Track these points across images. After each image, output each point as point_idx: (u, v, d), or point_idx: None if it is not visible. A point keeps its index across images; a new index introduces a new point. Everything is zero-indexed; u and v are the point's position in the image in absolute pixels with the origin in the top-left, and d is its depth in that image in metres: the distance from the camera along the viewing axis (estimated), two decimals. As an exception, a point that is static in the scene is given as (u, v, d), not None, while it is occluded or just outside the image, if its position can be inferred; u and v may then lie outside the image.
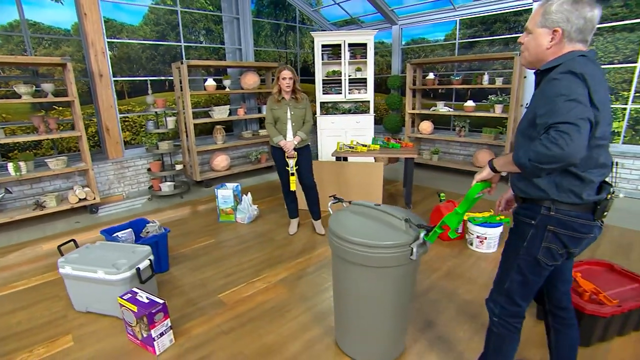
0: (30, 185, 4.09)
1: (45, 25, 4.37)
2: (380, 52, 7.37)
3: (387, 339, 1.86)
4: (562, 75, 1.19)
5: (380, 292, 1.72)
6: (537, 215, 1.34)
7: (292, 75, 3.08)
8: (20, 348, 2.06)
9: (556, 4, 1.26)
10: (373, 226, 1.75)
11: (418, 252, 1.62)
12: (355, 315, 1.82)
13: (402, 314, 1.84)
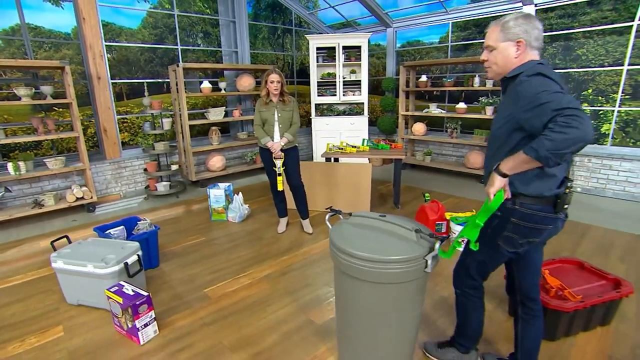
0: (30, 185, 4.23)
1: (46, 29, 4.51)
2: (377, 54, 7.46)
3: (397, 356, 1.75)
4: (531, 77, 1.30)
5: (391, 308, 1.62)
6: (502, 208, 1.43)
7: (279, 79, 3.17)
8: (13, 338, 2.18)
9: (512, 20, 1.42)
10: (381, 239, 1.63)
11: (433, 263, 1.52)
12: (362, 334, 1.71)
13: (412, 330, 1.73)
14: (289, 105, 3.32)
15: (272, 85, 3.17)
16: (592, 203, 4.42)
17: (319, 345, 2.06)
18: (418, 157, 6.21)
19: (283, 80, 3.22)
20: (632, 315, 2.30)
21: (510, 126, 1.39)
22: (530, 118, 1.27)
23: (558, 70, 4.90)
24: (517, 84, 1.36)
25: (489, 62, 1.51)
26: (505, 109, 1.43)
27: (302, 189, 3.54)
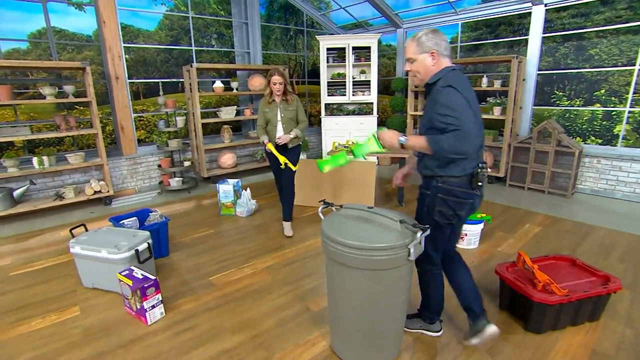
0: (52, 178, 4.50)
1: (69, 32, 4.78)
2: (388, 55, 7.53)
3: (384, 341, 1.86)
4: (445, 89, 1.63)
5: (378, 294, 1.73)
6: (430, 186, 1.80)
7: (282, 80, 3.22)
8: (35, 315, 2.39)
9: (424, 35, 1.73)
10: (368, 229, 1.75)
11: (415, 252, 1.64)
12: (351, 319, 1.82)
13: (399, 315, 1.86)
14: (292, 104, 3.37)
15: (275, 87, 3.24)
16: (600, 204, 4.40)
17: (313, 331, 2.18)
18: (426, 156, 6.26)
19: (286, 80, 3.28)
20: (623, 312, 2.33)
21: (429, 124, 1.71)
22: (437, 122, 1.62)
23: (570, 70, 4.88)
24: (435, 92, 1.68)
25: (413, 72, 1.81)
26: (429, 106, 1.75)
27: (291, 190, 3.55)
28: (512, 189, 5.06)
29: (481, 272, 2.81)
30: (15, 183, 4.21)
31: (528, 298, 2.10)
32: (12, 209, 3.99)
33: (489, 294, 2.52)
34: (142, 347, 2.07)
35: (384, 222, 1.79)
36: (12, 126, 4.15)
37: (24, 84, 4.54)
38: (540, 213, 4.10)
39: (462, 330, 2.16)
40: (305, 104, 7.71)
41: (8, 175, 3.95)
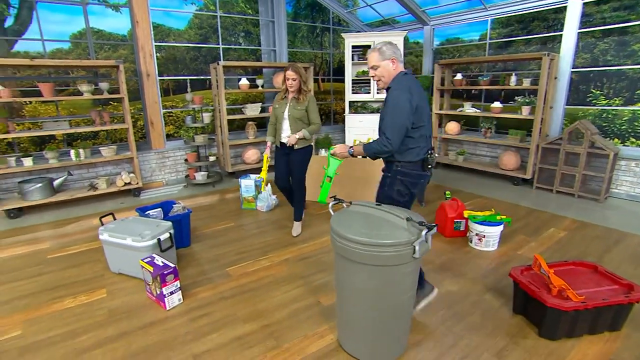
0: (87, 170, 4.80)
1: (106, 32, 5.05)
2: (416, 52, 7.42)
3: (390, 338, 1.89)
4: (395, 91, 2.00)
5: (383, 290, 1.76)
6: (391, 170, 2.15)
7: (296, 75, 3.06)
8: (68, 295, 2.58)
9: (384, 46, 2.06)
10: (375, 225, 1.77)
11: (420, 250, 1.67)
12: (357, 314, 1.86)
13: (404, 312, 1.87)
14: (303, 103, 3.17)
15: (288, 82, 3.10)
16: (637, 210, 4.17)
17: (322, 324, 2.23)
18: (451, 156, 6.14)
19: (302, 77, 3.10)
20: (648, 323, 2.22)
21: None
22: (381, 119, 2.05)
23: (609, 67, 4.62)
24: (389, 94, 2.04)
25: (377, 77, 2.12)
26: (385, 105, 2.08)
27: (300, 192, 3.44)
28: (539, 192, 4.88)
29: (497, 275, 2.75)
30: (55, 173, 4.52)
31: (542, 303, 2.05)
32: (52, 197, 4.30)
33: (503, 297, 2.47)
34: (160, 330, 2.19)
35: (391, 219, 1.81)
36: (54, 121, 4.46)
37: (65, 82, 4.85)
38: (567, 217, 3.94)
39: (472, 331, 2.14)
40: (331, 101, 7.74)
41: (49, 166, 4.26)
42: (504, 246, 3.24)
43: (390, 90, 2.04)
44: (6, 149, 4.56)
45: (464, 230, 3.40)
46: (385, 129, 1.99)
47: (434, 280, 2.69)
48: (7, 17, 4.58)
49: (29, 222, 4.04)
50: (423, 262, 2.93)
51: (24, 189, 4.10)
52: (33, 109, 4.72)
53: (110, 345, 2.07)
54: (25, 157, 4.15)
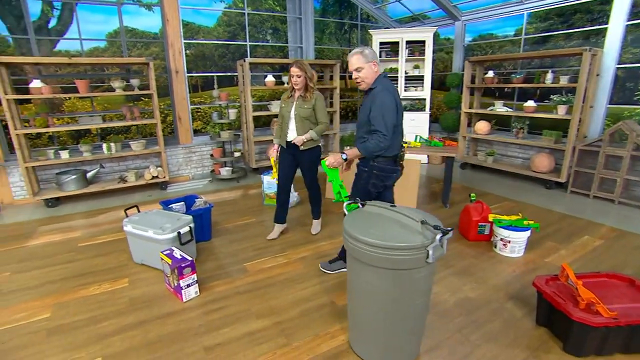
0: (118, 163, 5.02)
1: (139, 31, 5.24)
2: (446, 49, 7.20)
3: (400, 343, 1.83)
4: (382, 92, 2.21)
5: (395, 294, 1.70)
6: (367, 165, 2.38)
7: (300, 72, 2.90)
8: (94, 282, 2.71)
9: (366, 50, 2.25)
10: (389, 227, 1.73)
11: (434, 255, 1.59)
12: (368, 316, 1.82)
13: (417, 318, 1.81)
14: (310, 102, 3.01)
15: (293, 80, 2.96)
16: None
17: (334, 324, 2.21)
18: (480, 157, 5.91)
19: (308, 74, 2.93)
20: (689, 344, 2.04)
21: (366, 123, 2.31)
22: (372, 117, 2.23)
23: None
24: (375, 93, 2.24)
25: (360, 79, 2.29)
26: (367, 105, 2.29)
27: (315, 191, 3.38)
28: (573, 196, 4.60)
29: (522, 283, 2.62)
30: (89, 166, 4.75)
31: (567, 316, 1.93)
32: (85, 188, 4.52)
33: (526, 306, 2.35)
34: (176, 321, 2.25)
35: (405, 221, 1.75)
36: (89, 115, 4.68)
37: (101, 78, 5.08)
38: (604, 225, 3.69)
39: (490, 341, 2.05)
40: (357, 99, 7.67)
41: (83, 159, 4.49)
42: (530, 253, 3.08)
43: (376, 91, 2.26)
44: (47, 142, 4.84)
45: (489, 234, 3.26)
46: (379, 126, 2.20)
47: (453, 284, 2.61)
48: (51, 19, 4.85)
49: (64, 211, 4.28)
50: (444, 266, 2.85)
51: (61, 180, 4.34)
52: (71, 105, 4.98)
53: (128, 332, 2.15)
54: (63, 150, 4.39)
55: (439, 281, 2.65)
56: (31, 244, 3.42)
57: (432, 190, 4.95)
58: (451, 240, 3.33)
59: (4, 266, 3.00)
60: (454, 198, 4.49)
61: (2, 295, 2.58)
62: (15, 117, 4.12)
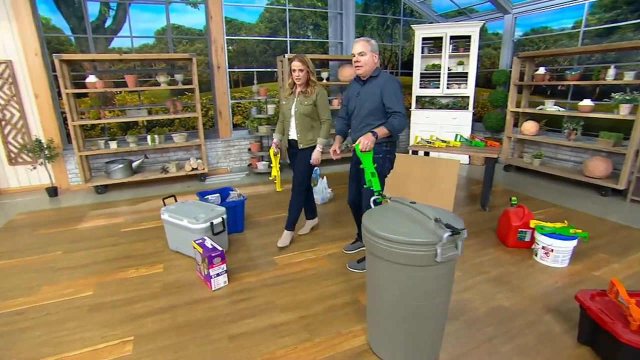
0: (161, 154, 5.28)
1: (185, 27, 5.47)
2: (494, 44, 6.85)
3: (416, 344, 1.79)
4: (391, 79, 2.47)
5: (406, 291, 1.68)
6: (381, 151, 2.53)
7: (302, 66, 2.75)
8: (132, 265, 2.88)
9: (372, 40, 2.43)
10: (403, 222, 1.71)
11: (443, 254, 1.54)
12: (383, 314, 1.80)
13: (431, 319, 1.75)
14: (311, 97, 2.85)
15: (294, 74, 2.80)
16: None
17: (358, 323, 2.18)
18: (526, 159, 5.56)
19: (310, 68, 2.79)
20: None
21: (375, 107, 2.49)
22: (388, 101, 2.42)
23: None
24: (383, 82, 2.46)
25: (361, 62, 2.43)
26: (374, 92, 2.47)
27: (298, 195, 3.13)
28: (634, 205, 4.19)
29: (564, 296, 2.43)
30: (135, 156, 5.05)
31: (615, 337, 1.76)
32: (130, 177, 4.81)
33: (568, 321, 2.17)
34: (204, 307, 2.33)
35: (420, 218, 1.73)
36: (137, 109, 4.96)
37: (148, 73, 5.36)
38: (667, 238, 3.34)
39: (522, 355, 1.92)
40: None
41: (129, 149, 4.77)
42: (577, 264, 2.85)
43: (382, 79, 2.47)
44: (100, 133, 5.20)
45: (530, 241, 3.06)
46: (397, 108, 2.40)
47: (486, 291, 2.47)
48: (107, 18, 5.19)
49: (111, 197, 4.58)
50: (477, 272, 2.72)
51: (109, 168, 4.65)
52: (122, 98, 5.30)
53: (160, 315, 2.25)
54: (112, 141, 4.69)
55: (470, 287, 2.53)
56: (81, 226, 3.69)
57: (471, 192, 4.73)
58: (487, 245, 3.17)
59: (57, 245, 3.27)
60: (494, 201, 4.27)
61: (54, 271, 2.81)
62: (73, 110, 4.46)
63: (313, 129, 2.97)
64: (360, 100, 2.55)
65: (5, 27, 4.40)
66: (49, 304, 2.40)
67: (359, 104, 2.56)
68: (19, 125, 4.66)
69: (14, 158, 4.74)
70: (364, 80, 2.54)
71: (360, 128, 2.57)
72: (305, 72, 2.79)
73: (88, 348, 1.99)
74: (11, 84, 4.54)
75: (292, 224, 3.19)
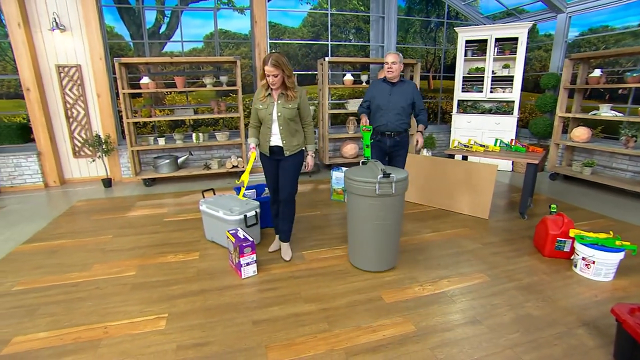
0: (205, 151, 5.60)
1: (232, 32, 5.77)
2: (545, 46, 6.54)
3: (380, 253, 2.71)
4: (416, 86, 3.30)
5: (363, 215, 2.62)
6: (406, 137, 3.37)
7: (276, 71, 2.46)
8: (171, 252, 3.10)
9: (400, 55, 3.16)
10: (367, 174, 2.58)
11: (380, 189, 2.47)
12: (356, 232, 2.71)
13: (392, 236, 2.67)
14: (295, 100, 2.63)
15: (269, 79, 2.51)
16: None
17: (378, 319, 2.20)
18: (575, 167, 5.23)
19: (286, 71, 2.50)
20: None
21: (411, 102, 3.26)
22: (420, 104, 3.27)
23: None
24: (413, 86, 3.28)
25: (394, 69, 3.15)
26: (406, 93, 3.22)
27: (290, 205, 2.89)
28: (697, 221, 3.81)
29: (603, 311, 2.27)
30: (180, 153, 5.40)
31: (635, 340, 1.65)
32: (176, 172, 5.16)
33: (604, 337, 2.05)
34: (232, 294, 2.47)
35: (375, 170, 2.62)
36: (184, 108, 5.31)
37: (196, 75, 5.72)
38: None
39: None
40: (439, 100, 7.36)
41: (176, 146, 5.12)
42: (623, 279, 2.66)
43: (410, 84, 3.28)
44: (150, 130, 5.62)
45: (569, 251, 2.89)
46: (423, 106, 3.32)
47: (514, 298, 2.39)
48: (162, 25, 5.61)
49: (157, 190, 4.94)
50: (507, 278, 2.63)
51: (157, 163, 5.02)
52: (172, 99, 5.70)
53: (192, 297, 2.42)
54: (160, 137, 5.07)
55: (498, 293, 2.46)
56: (130, 214, 4.03)
57: (511, 200, 4.54)
58: (523, 253, 3.05)
59: (109, 230, 3.60)
60: (535, 210, 4.07)
61: (104, 252, 3.11)
62: (127, 108, 4.88)
63: (297, 133, 2.75)
64: (392, 98, 3.23)
65: (77, 35, 4.92)
66: (99, 280, 2.67)
67: (391, 101, 3.23)
68: (83, 122, 5.18)
69: (77, 152, 5.26)
70: (393, 82, 3.25)
71: (395, 119, 3.26)
72: (280, 77, 2.51)
73: (128, 320, 2.20)
74: (79, 85, 5.05)
75: (288, 234, 3.00)
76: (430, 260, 2.95)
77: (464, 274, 2.73)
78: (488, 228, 3.60)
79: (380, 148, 3.37)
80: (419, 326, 2.13)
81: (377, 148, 3.37)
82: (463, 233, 3.48)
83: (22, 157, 5.01)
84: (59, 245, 3.29)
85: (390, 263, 2.77)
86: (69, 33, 4.89)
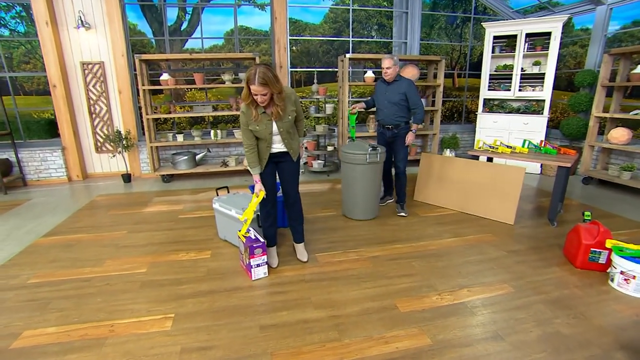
0: (223, 148, 5.58)
1: (252, 29, 5.73)
2: (582, 42, 6.16)
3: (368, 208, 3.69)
4: (411, 82, 3.64)
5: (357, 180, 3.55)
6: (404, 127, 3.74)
7: (264, 89, 2.22)
8: (184, 249, 3.08)
9: (395, 58, 3.55)
10: (358, 148, 3.50)
11: (369, 159, 3.45)
12: (349, 191, 3.66)
13: (374, 193, 3.67)
14: (287, 109, 2.46)
15: (258, 99, 2.29)
16: None
17: (392, 330, 2.07)
18: (611, 171, 4.88)
19: (273, 88, 2.25)
20: None
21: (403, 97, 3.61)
22: (411, 98, 3.60)
23: None
24: (407, 84, 3.59)
25: (389, 73, 3.54)
26: (399, 91, 3.60)
27: (298, 205, 2.86)
28: None
29: (642, 330, 2.07)
30: (199, 149, 5.41)
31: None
32: (193, 169, 5.17)
33: None
34: (241, 295, 2.40)
35: (365, 146, 3.49)
36: (203, 105, 5.31)
37: (216, 72, 5.72)
38: None
39: None
40: (464, 98, 7.08)
41: (194, 143, 5.12)
42: (666, 296, 2.41)
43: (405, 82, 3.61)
44: (170, 127, 5.66)
45: (605, 264, 2.66)
46: (419, 102, 3.60)
47: (541, 314, 2.20)
48: (183, 22, 5.64)
49: (175, 186, 4.96)
50: (534, 291, 2.44)
51: (175, 159, 5.04)
52: (192, 96, 5.72)
53: (200, 298, 2.37)
54: (179, 134, 5.08)
55: (524, 306, 2.27)
56: (146, 210, 4.05)
57: (539, 204, 4.28)
58: (551, 263, 2.84)
59: (124, 225, 3.62)
60: (566, 216, 3.81)
61: (118, 248, 3.12)
62: (147, 104, 4.92)
63: (295, 134, 2.68)
64: (387, 96, 3.68)
65: (101, 32, 5.00)
66: (110, 276, 2.66)
67: (386, 98, 3.69)
68: (105, 118, 5.27)
69: (99, 147, 5.36)
70: (389, 82, 3.65)
71: (390, 114, 3.71)
72: (269, 95, 2.29)
73: (135, 319, 2.16)
74: (102, 82, 5.14)
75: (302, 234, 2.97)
76: (449, 268, 2.78)
77: (485, 284, 2.55)
78: (513, 235, 3.39)
79: (383, 138, 3.89)
80: (436, 339, 1.99)
81: (381, 137, 3.92)
82: (486, 239, 3.29)
83: (48, 151, 5.14)
84: (75, 239, 3.33)
85: (375, 213, 3.78)
86: (93, 30, 4.98)
